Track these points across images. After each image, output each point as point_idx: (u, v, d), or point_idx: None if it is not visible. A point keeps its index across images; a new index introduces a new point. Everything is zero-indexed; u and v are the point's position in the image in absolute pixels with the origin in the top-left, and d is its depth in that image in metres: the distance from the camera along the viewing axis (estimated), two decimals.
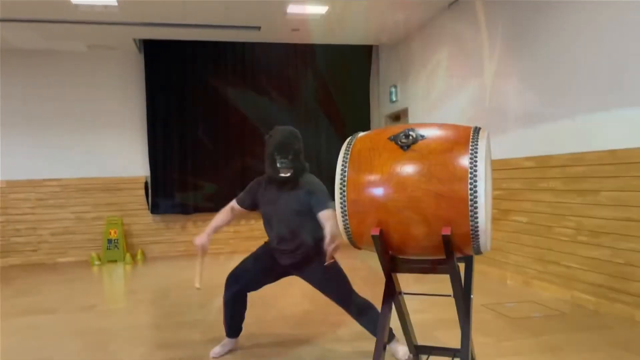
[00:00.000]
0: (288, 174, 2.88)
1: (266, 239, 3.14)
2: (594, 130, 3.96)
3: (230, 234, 7.66)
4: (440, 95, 6.29)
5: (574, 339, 3.29)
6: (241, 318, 3.20)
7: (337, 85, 7.73)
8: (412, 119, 7.05)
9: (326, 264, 2.82)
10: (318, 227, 2.82)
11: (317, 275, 2.97)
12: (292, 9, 5.86)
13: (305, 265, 2.97)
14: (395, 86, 7.51)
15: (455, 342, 2.76)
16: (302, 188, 2.92)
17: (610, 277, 3.83)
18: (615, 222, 3.77)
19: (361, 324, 3.01)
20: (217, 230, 3.12)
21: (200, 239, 3.02)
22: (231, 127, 7.46)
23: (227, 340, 3.22)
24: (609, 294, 3.84)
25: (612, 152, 3.79)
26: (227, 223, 3.16)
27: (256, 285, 3.15)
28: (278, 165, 2.87)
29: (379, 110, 8.09)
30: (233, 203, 3.12)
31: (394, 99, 7.55)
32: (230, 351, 3.20)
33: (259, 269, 3.09)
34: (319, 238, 2.85)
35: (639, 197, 3.58)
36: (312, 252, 2.95)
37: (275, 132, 2.96)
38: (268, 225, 3.05)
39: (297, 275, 3.08)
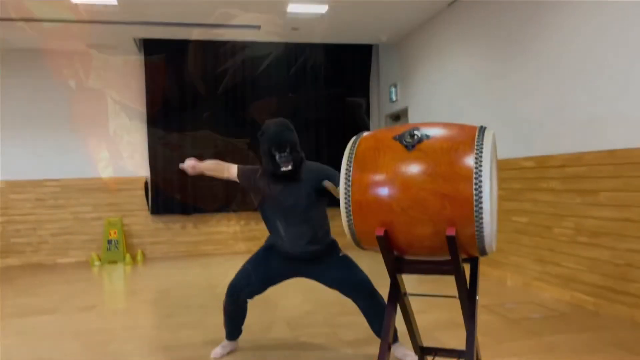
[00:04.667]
0: (289, 167, 2.78)
1: (265, 239, 3.10)
2: (593, 130, 3.97)
3: (229, 235, 7.65)
4: (440, 94, 6.30)
5: (574, 339, 3.30)
6: (241, 322, 3.18)
7: (337, 85, 7.74)
8: (412, 118, 7.06)
9: (340, 254, 2.88)
10: (327, 220, 2.88)
11: (332, 269, 2.92)
12: (292, 8, 5.86)
13: (319, 260, 2.91)
14: (395, 85, 7.52)
15: (455, 343, 2.76)
16: (306, 180, 2.84)
17: (610, 277, 3.83)
18: (614, 223, 3.78)
19: (373, 320, 2.92)
20: (206, 170, 3.12)
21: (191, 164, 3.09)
22: (231, 127, 7.45)
23: (227, 342, 3.21)
24: (608, 294, 3.85)
25: (612, 152, 3.80)
26: (214, 174, 3.14)
27: (259, 292, 3.07)
28: (277, 159, 2.78)
29: (379, 110, 8.10)
30: (233, 168, 3.04)
31: (394, 98, 7.55)
32: (230, 352, 3.20)
33: (263, 276, 2.99)
34: (329, 231, 2.90)
35: (638, 198, 3.59)
36: (326, 246, 2.91)
37: (267, 127, 2.86)
38: (274, 224, 2.94)
39: (306, 275, 3.00)
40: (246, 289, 3.02)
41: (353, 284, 2.92)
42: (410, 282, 2.30)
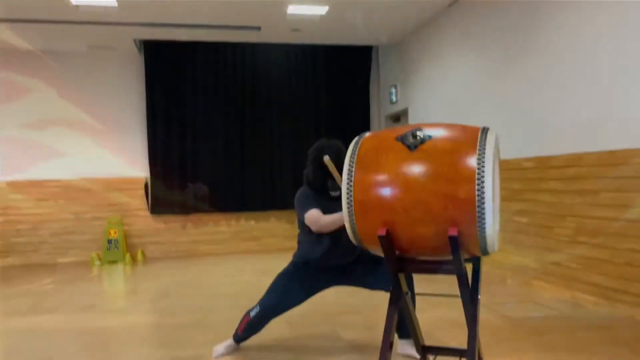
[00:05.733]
0: (338, 193, 2.81)
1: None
2: (594, 131, 3.98)
3: (229, 234, 7.65)
4: (440, 95, 6.30)
5: (574, 338, 3.31)
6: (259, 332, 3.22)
7: (337, 86, 7.74)
8: (412, 119, 7.06)
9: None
10: None
11: (366, 269, 2.96)
12: (292, 9, 5.86)
13: (354, 264, 2.97)
14: (395, 86, 7.52)
15: (455, 342, 2.77)
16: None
17: (610, 277, 3.84)
18: (614, 223, 3.79)
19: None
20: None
21: None
22: (231, 128, 7.46)
23: (232, 342, 3.21)
24: (608, 293, 3.86)
25: (612, 153, 3.81)
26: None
27: (296, 305, 3.10)
28: (329, 184, 2.85)
29: (379, 111, 8.10)
30: (319, 214, 2.83)
31: (394, 99, 7.55)
32: (231, 352, 3.20)
33: (306, 291, 3.04)
34: None
35: (638, 198, 3.59)
36: (363, 252, 2.92)
37: (328, 147, 2.84)
38: (321, 239, 2.91)
39: (345, 282, 3.04)
40: (286, 307, 3.06)
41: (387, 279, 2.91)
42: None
